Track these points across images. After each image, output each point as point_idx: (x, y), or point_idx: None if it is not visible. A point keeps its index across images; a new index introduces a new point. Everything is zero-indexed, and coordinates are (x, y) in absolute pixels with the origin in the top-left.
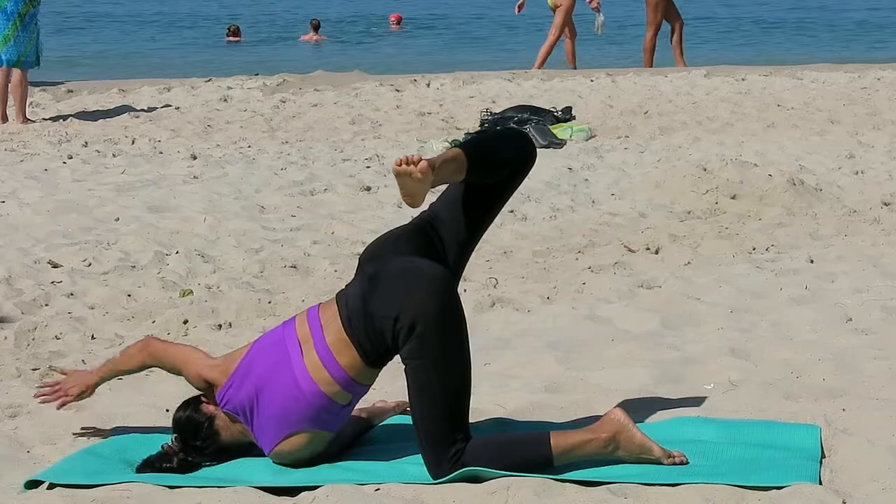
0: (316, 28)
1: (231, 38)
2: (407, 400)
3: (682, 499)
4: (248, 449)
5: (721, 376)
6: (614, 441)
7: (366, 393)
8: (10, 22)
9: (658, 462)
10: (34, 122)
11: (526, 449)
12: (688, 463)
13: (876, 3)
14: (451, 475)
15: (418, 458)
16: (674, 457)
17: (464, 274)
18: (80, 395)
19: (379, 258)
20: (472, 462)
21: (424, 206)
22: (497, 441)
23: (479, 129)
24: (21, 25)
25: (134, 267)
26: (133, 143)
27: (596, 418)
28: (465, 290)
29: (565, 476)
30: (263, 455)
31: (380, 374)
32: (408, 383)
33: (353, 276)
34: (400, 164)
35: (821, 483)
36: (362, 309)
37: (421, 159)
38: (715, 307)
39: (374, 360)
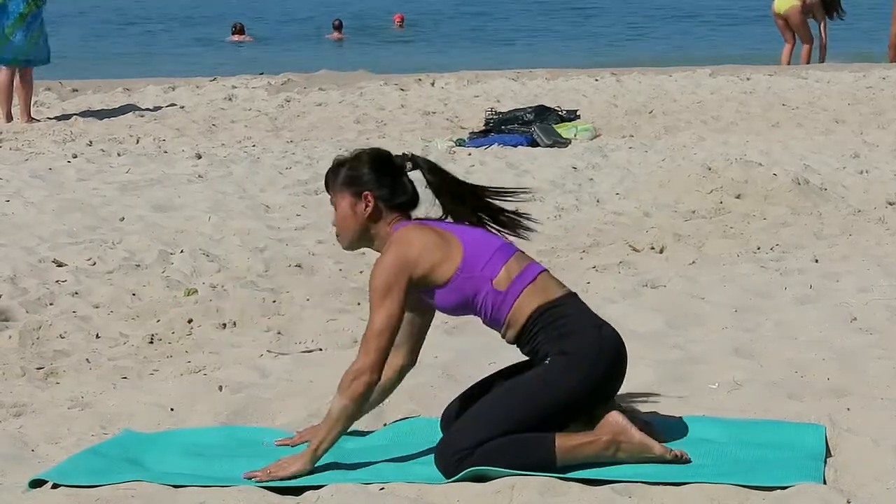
0: (338, 27)
1: (236, 38)
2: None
3: (687, 498)
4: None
5: (725, 376)
6: (615, 443)
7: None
8: (11, 21)
9: (660, 459)
10: (39, 121)
11: (530, 450)
12: (690, 460)
13: None
14: (458, 475)
15: (423, 458)
16: (675, 453)
17: None
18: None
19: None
20: (477, 462)
21: None
22: (502, 441)
23: (483, 128)
24: (22, 25)
25: (138, 266)
26: (138, 142)
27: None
28: None
29: (570, 475)
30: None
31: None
32: (512, 378)
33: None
34: None
35: (825, 483)
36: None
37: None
38: (719, 307)
39: (520, 334)
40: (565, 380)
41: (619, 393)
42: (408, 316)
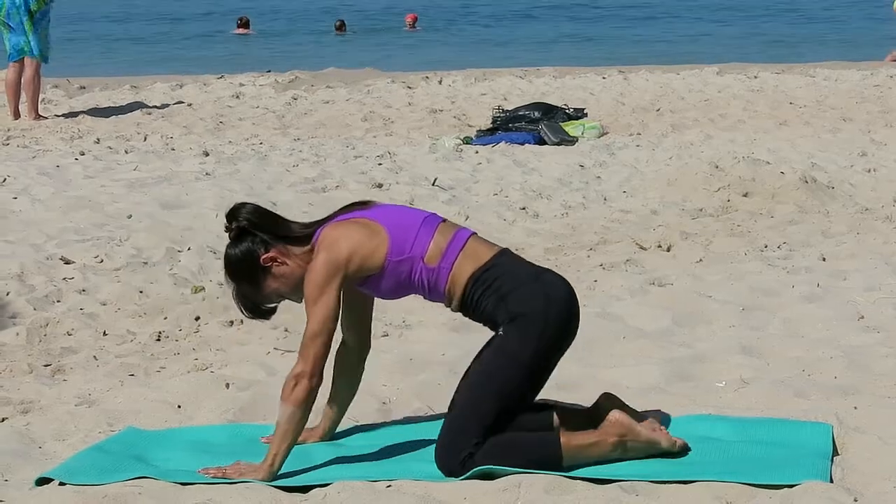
0: (339, 27)
1: (240, 31)
2: None
3: (694, 496)
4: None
5: (732, 374)
6: (622, 445)
7: (404, 277)
8: (25, 17)
9: (669, 450)
10: (46, 118)
11: (535, 450)
12: (690, 448)
13: None
14: (464, 475)
15: (430, 455)
16: (681, 444)
17: None
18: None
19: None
20: (482, 461)
21: None
22: (507, 441)
23: (491, 126)
24: (32, 22)
25: (146, 263)
26: (145, 139)
27: None
28: None
29: (577, 473)
30: None
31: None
32: (477, 364)
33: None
34: None
35: (832, 481)
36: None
37: None
38: (726, 305)
39: (462, 304)
40: (524, 344)
41: (624, 392)
42: (348, 306)
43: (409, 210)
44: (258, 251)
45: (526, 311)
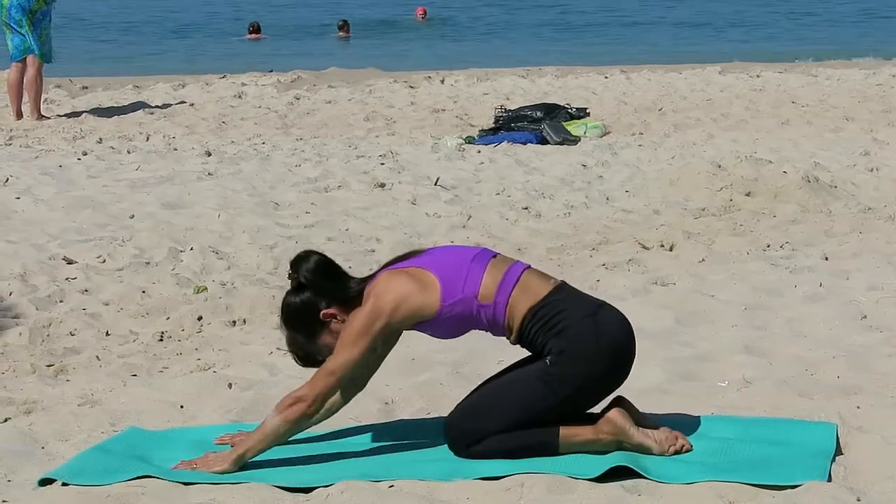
0: (341, 28)
1: (252, 36)
2: None
3: (697, 496)
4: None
5: (735, 373)
6: (615, 443)
7: (454, 317)
8: (25, 17)
9: (660, 455)
10: (49, 118)
11: (535, 435)
12: (691, 448)
13: None
14: (466, 471)
15: (433, 455)
16: (675, 449)
17: None
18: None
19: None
20: (487, 443)
21: None
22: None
23: (493, 125)
24: (31, 22)
25: (148, 263)
26: (147, 139)
27: None
28: None
29: (580, 475)
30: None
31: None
32: (515, 373)
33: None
34: None
35: (830, 480)
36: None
37: None
38: (729, 304)
39: (519, 338)
40: (567, 380)
41: (627, 392)
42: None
43: (458, 249)
44: (319, 305)
45: (576, 349)
